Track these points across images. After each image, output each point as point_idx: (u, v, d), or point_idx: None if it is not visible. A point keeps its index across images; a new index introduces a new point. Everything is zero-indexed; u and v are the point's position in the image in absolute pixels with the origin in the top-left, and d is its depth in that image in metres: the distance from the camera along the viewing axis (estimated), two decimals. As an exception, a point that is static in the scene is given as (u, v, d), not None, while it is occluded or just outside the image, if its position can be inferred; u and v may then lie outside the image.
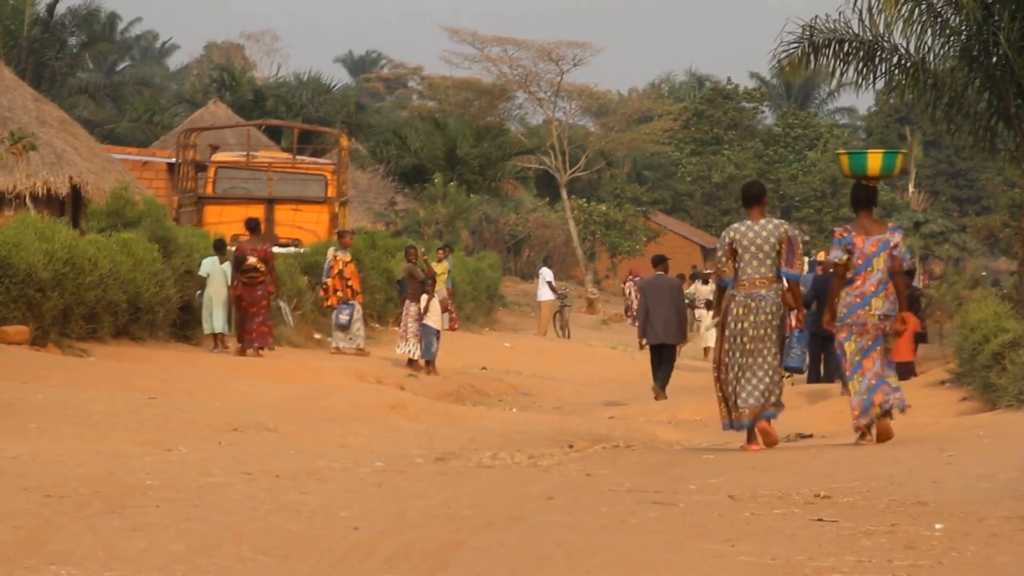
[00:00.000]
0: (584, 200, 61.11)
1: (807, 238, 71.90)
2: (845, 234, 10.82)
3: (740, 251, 10.80)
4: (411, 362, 21.05)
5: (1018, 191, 40.39)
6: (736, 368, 10.81)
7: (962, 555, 6.67)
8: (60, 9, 54.18)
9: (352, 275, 22.42)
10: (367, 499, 8.22)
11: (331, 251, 22.69)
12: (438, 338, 21.20)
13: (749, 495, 8.55)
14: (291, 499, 8.00)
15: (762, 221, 10.89)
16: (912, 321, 21.80)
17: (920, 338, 25.23)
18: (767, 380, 10.79)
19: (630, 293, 44.10)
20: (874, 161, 11.12)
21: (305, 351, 22.59)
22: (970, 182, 79.12)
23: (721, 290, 11.09)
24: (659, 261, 20.29)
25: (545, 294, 35.49)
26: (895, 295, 10.76)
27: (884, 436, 10.83)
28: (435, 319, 21.04)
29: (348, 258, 22.51)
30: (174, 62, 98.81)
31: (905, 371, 21.00)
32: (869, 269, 10.72)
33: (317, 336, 24.74)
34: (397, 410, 15.33)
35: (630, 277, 44.63)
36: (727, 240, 10.88)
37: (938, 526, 7.33)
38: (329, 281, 22.30)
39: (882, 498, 8.30)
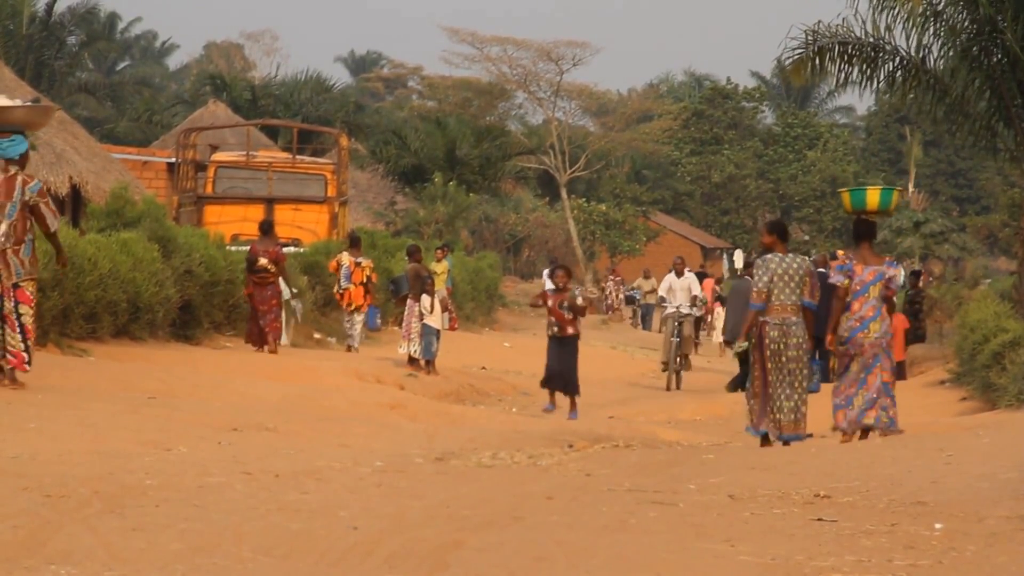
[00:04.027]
0: (584, 200, 61.12)
1: (807, 238, 71.98)
2: (847, 261, 12.02)
3: (775, 280, 11.96)
4: (411, 361, 21.05)
5: (1018, 191, 40.39)
6: (775, 384, 11.93)
7: (962, 555, 6.67)
8: (59, 8, 54.17)
9: (375, 280, 23.47)
10: (367, 499, 8.22)
11: (346, 256, 23.04)
12: (438, 338, 21.19)
13: (749, 495, 8.55)
14: (291, 499, 8.00)
15: (790, 255, 12.10)
16: (900, 319, 21.94)
17: (918, 338, 25.27)
18: (796, 399, 11.91)
19: (611, 292, 46.39)
20: (872, 197, 12.37)
21: (305, 351, 22.59)
22: (970, 182, 79.13)
23: (753, 314, 12.14)
24: (750, 265, 21.82)
25: None
26: (889, 320, 11.96)
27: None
28: (435, 319, 21.03)
29: (372, 264, 23.41)
30: (174, 62, 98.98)
31: (897, 370, 21.07)
32: (866, 295, 11.84)
33: (317, 336, 24.75)
34: (397, 410, 15.32)
35: (611, 277, 47.35)
36: (767, 268, 11.99)
37: (938, 526, 7.33)
38: (352, 288, 22.88)
39: (882, 498, 8.30)
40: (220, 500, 7.78)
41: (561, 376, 16.56)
